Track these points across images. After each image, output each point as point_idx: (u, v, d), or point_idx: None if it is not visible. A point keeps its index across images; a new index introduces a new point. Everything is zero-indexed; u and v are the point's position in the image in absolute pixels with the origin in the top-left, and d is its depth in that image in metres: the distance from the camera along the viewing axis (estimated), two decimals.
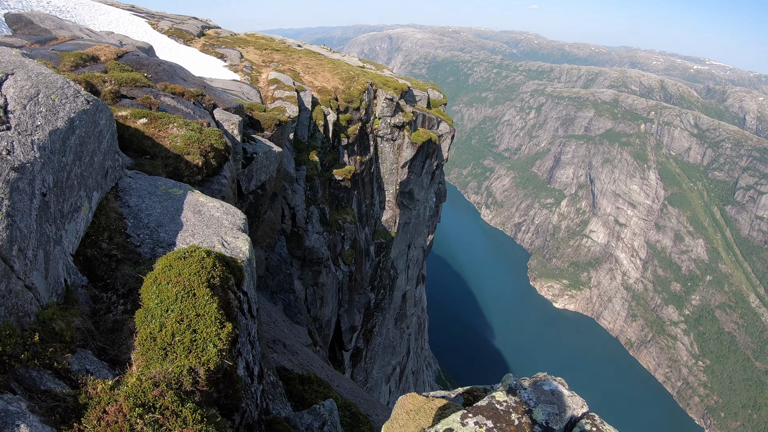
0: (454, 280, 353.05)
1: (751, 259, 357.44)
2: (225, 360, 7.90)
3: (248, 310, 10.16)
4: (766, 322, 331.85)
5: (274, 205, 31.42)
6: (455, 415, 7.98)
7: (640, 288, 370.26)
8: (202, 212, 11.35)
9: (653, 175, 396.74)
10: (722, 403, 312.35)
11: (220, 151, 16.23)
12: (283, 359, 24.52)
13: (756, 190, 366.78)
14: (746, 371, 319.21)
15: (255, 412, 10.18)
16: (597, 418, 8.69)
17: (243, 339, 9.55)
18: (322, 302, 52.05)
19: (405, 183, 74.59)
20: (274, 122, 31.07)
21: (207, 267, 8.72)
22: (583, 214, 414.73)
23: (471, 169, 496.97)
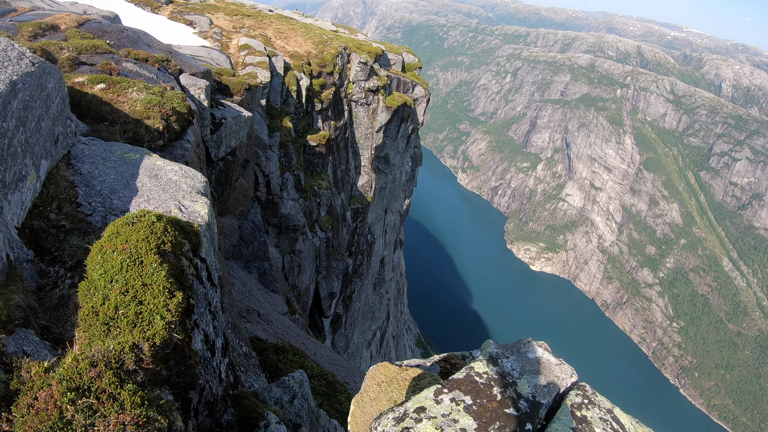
0: (432, 245, 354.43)
1: (725, 223, 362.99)
2: (174, 333, 7.13)
3: (207, 278, 9.45)
4: (739, 285, 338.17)
5: (245, 172, 30.64)
6: (428, 390, 6.92)
7: (615, 251, 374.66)
8: (159, 176, 10.62)
9: (629, 140, 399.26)
10: (696, 363, 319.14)
11: (183, 115, 15.43)
12: (257, 329, 24.01)
13: (730, 156, 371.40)
14: (719, 333, 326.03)
15: (218, 387, 9.60)
16: (588, 388, 7.92)
17: (201, 309, 8.90)
18: (300, 270, 51.54)
19: (380, 147, 73.85)
20: (243, 87, 30.15)
21: (157, 232, 7.92)
22: (559, 178, 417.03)
23: (447, 133, 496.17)
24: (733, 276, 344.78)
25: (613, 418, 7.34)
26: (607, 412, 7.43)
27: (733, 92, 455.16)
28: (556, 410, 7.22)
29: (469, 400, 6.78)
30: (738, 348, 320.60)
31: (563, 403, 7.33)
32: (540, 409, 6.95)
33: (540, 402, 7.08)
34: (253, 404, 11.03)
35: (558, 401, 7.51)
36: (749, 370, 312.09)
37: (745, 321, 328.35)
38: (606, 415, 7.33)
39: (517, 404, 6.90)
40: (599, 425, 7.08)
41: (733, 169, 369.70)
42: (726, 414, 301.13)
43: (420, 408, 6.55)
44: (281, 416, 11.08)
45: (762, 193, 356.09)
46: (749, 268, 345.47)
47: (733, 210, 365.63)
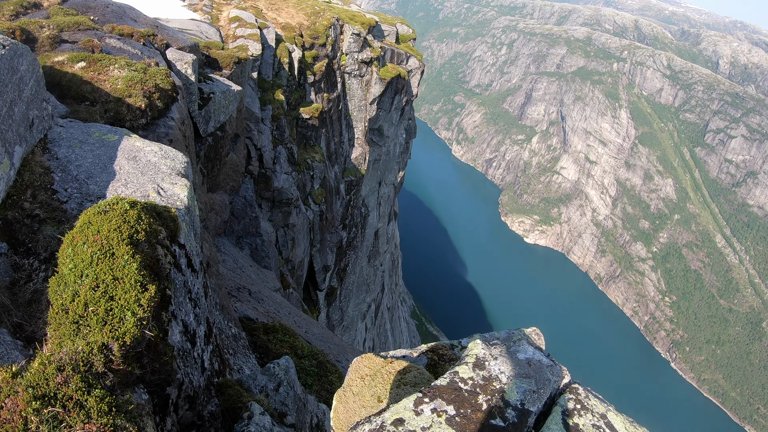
0: (426, 216, 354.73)
1: (719, 200, 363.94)
2: (146, 330, 6.78)
3: (187, 265, 9.10)
4: (731, 262, 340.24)
5: (236, 147, 30.22)
6: (408, 400, 6.38)
7: (609, 225, 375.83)
8: (137, 158, 10.23)
9: (624, 114, 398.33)
10: (687, 337, 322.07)
11: (167, 91, 14.99)
12: (247, 308, 23.78)
13: (726, 133, 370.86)
14: (711, 308, 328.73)
15: (200, 378, 9.35)
16: (581, 390, 7.45)
17: (180, 298, 8.59)
18: (294, 243, 51.37)
19: (374, 120, 73.38)
20: (233, 60, 29.59)
21: (130, 221, 7.50)
22: (554, 151, 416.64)
23: (441, 105, 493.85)
24: (725, 252, 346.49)
25: (606, 424, 6.96)
26: (600, 417, 7.06)
27: (730, 69, 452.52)
28: (548, 415, 6.85)
29: (451, 411, 6.29)
30: (729, 324, 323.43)
31: (554, 409, 6.93)
32: (529, 417, 6.52)
33: (529, 410, 6.63)
34: (238, 393, 10.81)
35: (550, 405, 7.15)
36: (739, 346, 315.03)
37: (737, 297, 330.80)
38: (599, 421, 6.97)
39: (504, 414, 6.44)
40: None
41: (728, 146, 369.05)
42: (716, 389, 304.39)
43: (398, 420, 6.04)
44: (266, 406, 10.86)
45: (756, 171, 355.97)
46: (742, 246, 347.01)
47: (728, 187, 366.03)
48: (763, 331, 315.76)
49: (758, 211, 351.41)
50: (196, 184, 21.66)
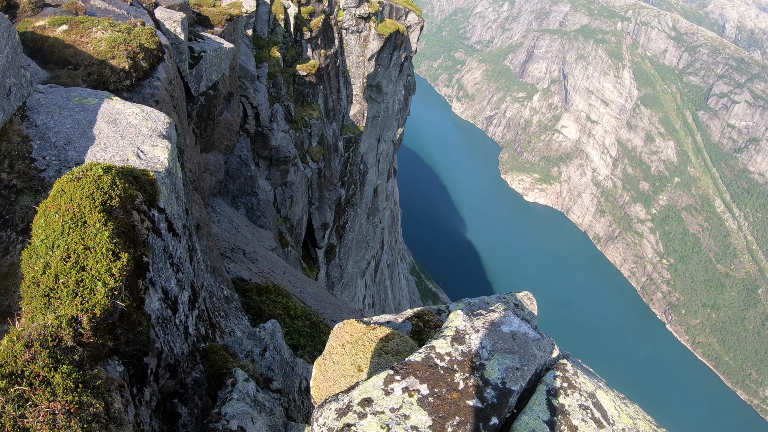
0: (425, 173, 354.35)
1: (720, 165, 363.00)
2: (118, 301, 6.58)
3: (168, 229, 8.91)
4: (730, 227, 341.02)
5: (230, 106, 29.87)
6: (378, 378, 5.86)
7: (609, 185, 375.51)
8: (117, 121, 9.98)
9: (627, 75, 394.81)
10: (683, 300, 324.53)
11: (152, 51, 14.64)
12: (241, 269, 23.74)
13: (729, 98, 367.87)
14: (708, 272, 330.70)
15: (183, 345, 9.28)
16: (569, 367, 6.92)
17: (160, 264, 8.42)
18: (292, 201, 51.30)
19: (372, 76, 72.71)
20: (224, 17, 29.06)
21: (104, 187, 7.24)
22: (555, 110, 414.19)
23: (442, 61, 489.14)
24: (724, 218, 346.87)
25: (594, 404, 6.54)
26: (588, 396, 6.62)
27: (736, 34, 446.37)
28: (533, 393, 6.44)
29: (425, 390, 5.77)
30: (725, 289, 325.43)
31: (538, 388, 6.45)
32: (510, 397, 6.06)
33: (511, 389, 6.15)
34: (223, 359, 10.75)
35: (535, 383, 6.68)
36: (735, 311, 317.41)
37: (734, 263, 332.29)
38: (587, 400, 6.53)
39: (483, 393, 5.93)
40: (578, 415, 6.26)
41: (731, 111, 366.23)
42: (710, 352, 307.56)
43: (366, 400, 5.59)
44: (251, 371, 10.81)
45: (759, 138, 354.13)
46: (741, 211, 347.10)
47: (729, 152, 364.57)
48: (758, 297, 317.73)
49: (759, 177, 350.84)
50: (187, 144, 21.44)
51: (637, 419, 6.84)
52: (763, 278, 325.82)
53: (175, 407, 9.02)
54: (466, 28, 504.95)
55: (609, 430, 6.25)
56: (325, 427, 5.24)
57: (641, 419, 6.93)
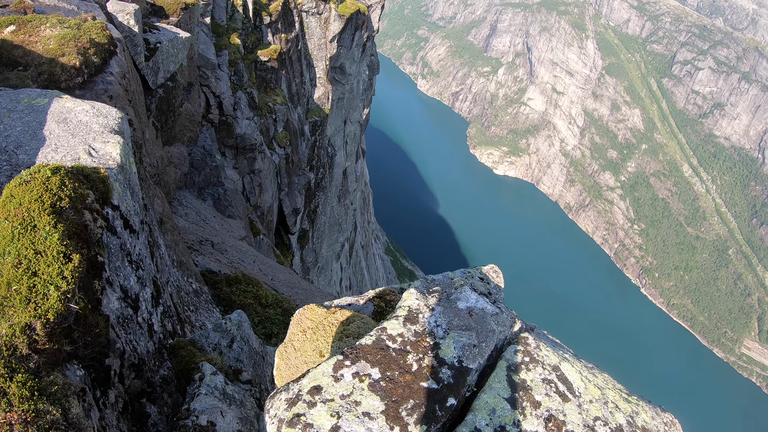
0: (394, 152, 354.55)
1: (686, 130, 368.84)
2: (72, 304, 6.45)
3: (124, 226, 8.77)
4: (698, 191, 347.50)
5: (191, 96, 29.52)
6: (327, 364, 5.63)
7: (577, 154, 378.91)
8: (68, 120, 9.77)
9: (591, 45, 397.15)
10: (656, 264, 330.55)
11: (103, 45, 14.36)
12: (209, 261, 23.59)
13: (693, 65, 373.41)
14: (678, 236, 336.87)
15: (147, 343, 9.20)
16: (530, 340, 6.72)
17: (117, 263, 8.30)
18: (261, 189, 50.99)
19: (335, 58, 72.24)
20: (179, 6, 28.58)
21: (52, 188, 7.10)
22: (521, 82, 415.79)
23: (405, 39, 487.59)
24: (692, 182, 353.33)
25: (559, 377, 6.38)
26: (552, 370, 6.45)
27: (698, 1, 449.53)
28: (494, 369, 6.26)
29: (376, 374, 5.56)
30: (696, 251, 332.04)
31: (498, 364, 6.25)
32: (468, 376, 5.87)
33: (468, 367, 5.93)
34: (191, 354, 10.69)
35: (496, 358, 6.49)
36: (707, 272, 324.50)
37: (704, 225, 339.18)
38: (551, 374, 6.37)
39: (438, 374, 5.73)
40: (541, 389, 6.10)
41: (695, 78, 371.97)
42: (685, 313, 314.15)
43: (315, 387, 5.38)
44: (219, 364, 10.76)
45: (723, 103, 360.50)
46: (708, 175, 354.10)
47: (695, 118, 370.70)
48: (729, 258, 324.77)
49: (725, 141, 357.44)
50: (146, 138, 21.19)
51: (605, 389, 6.77)
52: (732, 239, 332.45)
53: (143, 407, 8.95)
54: (428, 5, 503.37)
55: (575, 403, 6.14)
56: (275, 418, 5.07)
57: (610, 389, 6.88)
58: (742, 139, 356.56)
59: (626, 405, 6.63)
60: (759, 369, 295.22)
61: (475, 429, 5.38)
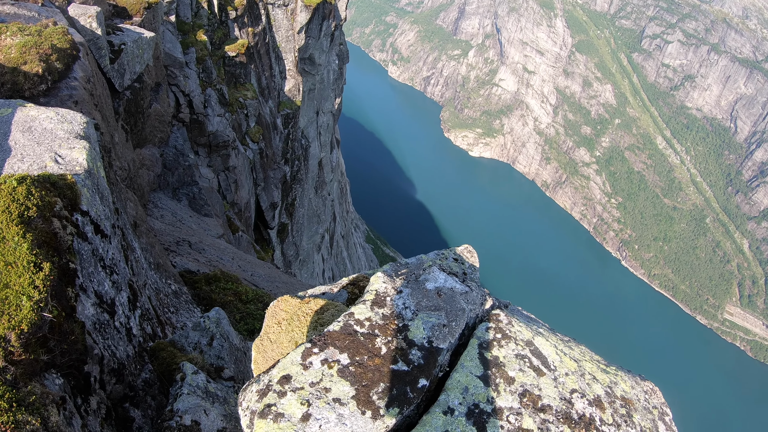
0: (369, 140, 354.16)
1: (658, 103, 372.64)
2: (45, 313, 6.45)
3: (95, 231, 8.71)
4: (673, 162, 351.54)
5: (159, 96, 29.29)
6: (295, 353, 5.54)
7: (552, 132, 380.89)
8: (33, 128, 9.67)
9: (560, 23, 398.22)
10: (635, 236, 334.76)
11: (66, 51, 14.20)
12: (188, 261, 23.50)
13: (663, 39, 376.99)
14: (656, 207, 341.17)
15: (127, 347, 9.21)
16: (502, 317, 6.64)
17: (90, 269, 8.26)
18: (237, 185, 50.76)
19: (304, 49, 71.85)
20: (142, 6, 28.27)
21: (19, 198, 7.03)
22: (492, 64, 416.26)
23: (373, 27, 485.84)
24: (667, 153, 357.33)
25: (533, 351, 6.34)
26: (525, 345, 6.40)
27: None
28: (466, 348, 6.22)
29: (345, 360, 5.52)
30: (674, 221, 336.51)
31: (470, 342, 6.21)
32: (439, 356, 5.82)
33: (438, 347, 5.88)
34: (171, 355, 10.71)
35: (468, 337, 6.42)
36: (685, 241, 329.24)
37: (680, 196, 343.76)
38: (524, 349, 6.33)
39: (408, 356, 5.69)
40: (515, 365, 6.06)
41: (665, 51, 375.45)
42: (666, 283, 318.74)
43: (285, 377, 5.33)
44: (199, 363, 10.79)
45: (694, 75, 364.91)
46: (682, 146, 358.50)
47: (666, 90, 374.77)
48: (706, 226, 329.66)
49: (697, 113, 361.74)
50: (116, 142, 21.03)
51: (582, 361, 6.78)
52: (709, 208, 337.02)
53: (127, 411, 8.96)
54: None
55: (550, 377, 6.11)
56: (248, 410, 5.03)
57: (587, 360, 6.89)
58: (713, 110, 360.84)
59: (604, 376, 6.65)
60: (742, 333, 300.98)
61: (449, 408, 5.37)
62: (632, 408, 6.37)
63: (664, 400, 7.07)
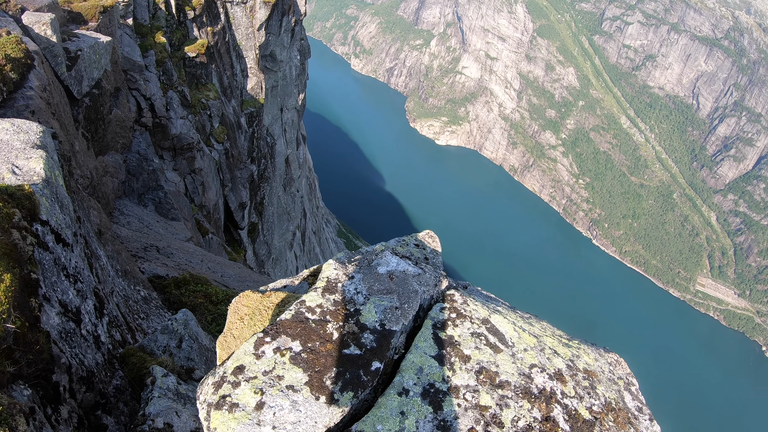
0: (335, 135, 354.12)
1: (620, 84, 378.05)
2: (8, 324, 6.46)
3: (56, 240, 8.69)
4: (638, 141, 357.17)
5: (119, 102, 29.01)
6: (248, 343, 5.56)
7: (517, 117, 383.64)
8: None
9: (520, 9, 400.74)
10: (605, 215, 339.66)
11: (20, 60, 14.03)
12: (156, 266, 23.37)
13: (623, 20, 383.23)
14: (623, 186, 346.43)
15: (95, 355, 9.22)
16: (457, 297, 6.69)
17: (53, 278, 8.23)
18: (204, 187, 50.41)
19: (264, 46, 71.46)
20: (97, 10, 27.90)
21: None
22: (454, 52, 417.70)
23: (334, 20, 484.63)
24: (631, 132, 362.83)
25: (489, 329, 6.34)
26: (481, 323, 6.39)
27: None
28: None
29: (297, 347, 5.51)
30: (642, 198, 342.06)
31: (424, 323, 6.25)
32: (392, 339, 5.83)
33: (391, 329, 5.89)
34: (141, 360, 10.72)
35: (424, 318, 6.47)
36: (654, 217, 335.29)
37: (646, 173, 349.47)
38: (480, 327, 6.32)
39: (360, 340, 5.73)
40: (470, 344, 6.06)
41: (625, 33, 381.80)
42: (638, 259, 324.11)
43: (238, 367, 5.34)
44: (169, 366, 10.81)
45: (655, 55, 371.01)
46: (646, 125, 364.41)
47: (628, 71, 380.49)
48: (674, 201, 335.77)
49: (659, 91, 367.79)
50: (77, 150, 20.87)
51: (543, 336, 6.80)
52: (675, 183, 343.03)
53: (100, 419, 8.97)
54: None
55: (508, 353, 6.14)
56: (205, 403, 5.06)
57: (548, 336, 6.92)
58: (675, 88, 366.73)
59: (566, 350, 6.69)
60: (715, 303, 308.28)
61: (403, 389, 5.40)
62: (596, 380, 6.42)
63: (630, 371, 7.09)
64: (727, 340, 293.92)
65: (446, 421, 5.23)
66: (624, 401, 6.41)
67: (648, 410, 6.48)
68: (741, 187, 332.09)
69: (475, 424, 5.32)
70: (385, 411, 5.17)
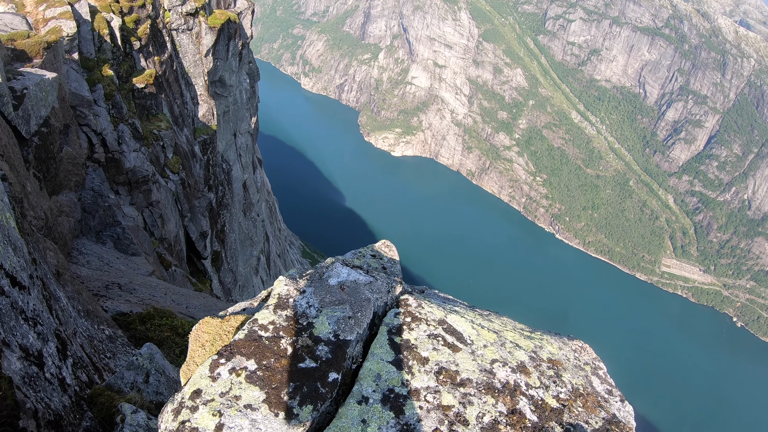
0: (291, 155, 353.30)
1: (568, 80, 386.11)
2: None
3: (11, 284, 8.50)
4: (590, 133, 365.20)
5: (69, 139, 28.67)
6: (203, 367, 5.50)
7: (469, 122, 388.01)
8: None
9: (465, 15, 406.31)
10: (565, 209, 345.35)
11: None
12: (119, 303, 23.07)
13: (565, 18, 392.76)
14: (580, 178, 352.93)
15: (62, 397, 9.11)
16: (411, 301, 6.78)
17: (12, 323, 8.13)
18: (163, 220, 49.83)
19: (213, 72, 71.15)
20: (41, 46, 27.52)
21: None
22: (403, 63, 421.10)
23: (281, 41, 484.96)
24: (583, 126, 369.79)
25: (446, 329, 6.40)
26: (438, 324, 6.46)
27: None
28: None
29: (252, 365, 5.50)
30: (599, 189, 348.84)
31: (380, 330, 6.32)
32: (347, 348, 5.86)
33: (346, 339, 5.93)
34: (109, 399, 10.60)
35: (379, 326, 6.47)
36: (613, 206, 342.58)
37: (601, 164, 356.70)
38: (437, 328, 6.39)
39: (315, 352, 5.73)
40: (428, 345, 6.12)
41: (569, 30, 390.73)
42: (601, 248, 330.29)
43: (195, 392, 5.26)
44: (138, 401, 10.71)
45: (599, 49, 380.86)
46: (597, 117, 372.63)
47: (574, 67, 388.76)
48: (631, 189, 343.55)
49: (606, 84, 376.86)
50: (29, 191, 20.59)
51: (503, 331, 6.86)
52: (631, 171, 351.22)
53: None
54: (299, 3, 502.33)
55: (467, 351, 6.17)
56: (165, 431, 5.02)
57: (509, 330, 6.98)
58: (622, 79, 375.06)
59: (527, 342, 6.75)
60: (682, 282, 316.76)
61: (363, 397, 5.41)
62: (561, 368, 6.47)
63: (597, 356, 7.17)
64: (699, 316, 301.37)
65: (409, 425, 5.24)
66: (592, 386, 6.46)
67: (618, 392, 6.51)
68: (694, 167, 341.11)
69: (439, 424, 5.33)
70: (346, 421, 5.17)
